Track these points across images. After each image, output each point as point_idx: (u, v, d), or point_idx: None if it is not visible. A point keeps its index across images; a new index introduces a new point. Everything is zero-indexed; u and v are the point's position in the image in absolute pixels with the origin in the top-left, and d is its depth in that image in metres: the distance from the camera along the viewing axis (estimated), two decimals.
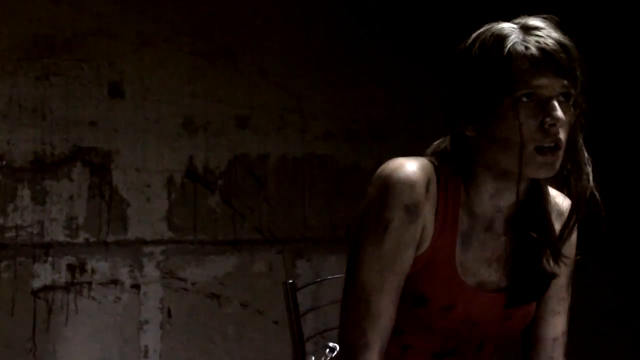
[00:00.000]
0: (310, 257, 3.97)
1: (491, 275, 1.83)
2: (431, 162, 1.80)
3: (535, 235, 1.80)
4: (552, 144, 1.70)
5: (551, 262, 1.81)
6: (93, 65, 3.67)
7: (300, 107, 3.98)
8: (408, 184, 1.74)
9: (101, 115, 3.68)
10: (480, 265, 1.82)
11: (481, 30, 1.78)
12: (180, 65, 3.80)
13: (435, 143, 1.88)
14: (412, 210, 1.74)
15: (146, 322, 3.72)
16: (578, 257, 1.91)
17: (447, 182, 1.79)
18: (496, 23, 1.78)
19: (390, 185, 1.74)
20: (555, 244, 1.81)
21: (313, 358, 2.25)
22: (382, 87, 4.10)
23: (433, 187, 1.77)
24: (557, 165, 1.72)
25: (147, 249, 3.73)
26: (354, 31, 4.08)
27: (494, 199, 1.80)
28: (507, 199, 1.80)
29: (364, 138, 4.06)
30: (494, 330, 1.84)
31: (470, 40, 1.77)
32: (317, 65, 4.01)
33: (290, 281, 2.40)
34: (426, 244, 1.77)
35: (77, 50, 3.64)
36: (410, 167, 1.76)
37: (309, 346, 2.42)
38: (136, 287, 3.71)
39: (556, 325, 1.92)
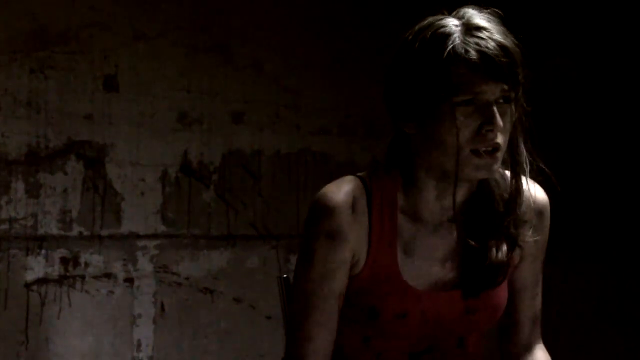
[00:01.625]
0: None
1: (446, 273, 1.80)
2: (361, 177, 1.80)
3: (481, 222, 1.78)
4: (490, 148, 1.68)
5: (503, 250, 1.78)
6: (88, 58, 3.66)
7: (295, 103, 3.98)
8: (328, 211, 1.75)
9: (96, 108, 3.67)
10: (432, 266, 1.79)
11: (423, 24, 1.75)
12: (175, 59, 3.80)
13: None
14: (334, 237, 1.74)
15: (139, 316, 3.72)
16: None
17: (383, 193, 1.78)
18: (440, 17, 1.75)
19: (312, 215, 1.77)
20: (501, 230, 1.78)
21: None
22: (377, 83, 4.09)
23: (361, 205, 1.76)
24: (496, 166, 1.70)
25: (141, 243, 3.73)
26: (350, 27, 4.07)
27: (440, 200, 1.78)
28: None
29: (359, 134, 4.06)
30: (460, 327, 1.81)
31: (411, 36, 1.74)
32: (313, 60, 4.00)
33: (285, 276, 2.39)
34: (362, 262, 1.76)
35: (72, 43, 3.64)
36: (332, 193, 1.77)
37: None
38: (129, 281, 3.71)
39: (535, 306, 1.91)
